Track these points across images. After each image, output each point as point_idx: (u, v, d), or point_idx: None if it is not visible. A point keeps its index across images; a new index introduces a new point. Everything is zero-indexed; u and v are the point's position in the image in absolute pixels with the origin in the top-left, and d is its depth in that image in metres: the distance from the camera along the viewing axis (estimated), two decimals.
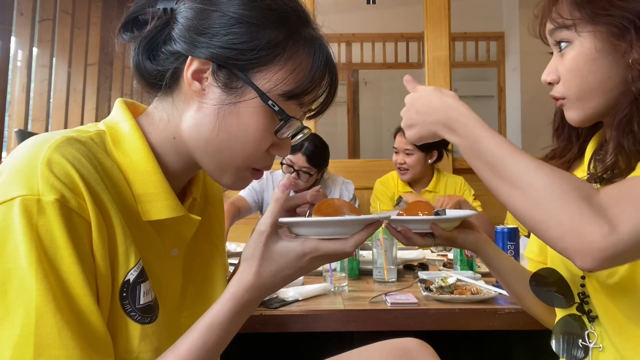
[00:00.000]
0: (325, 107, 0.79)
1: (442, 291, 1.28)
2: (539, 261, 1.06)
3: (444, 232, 0.98)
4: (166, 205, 0.73)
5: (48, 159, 0.63)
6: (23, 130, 2.98)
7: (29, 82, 3.21)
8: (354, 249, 0.71)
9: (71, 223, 0.62)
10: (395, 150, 2.54)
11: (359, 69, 5.98)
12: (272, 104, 0.71)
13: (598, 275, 0.87)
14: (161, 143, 0.76)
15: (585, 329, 0.89)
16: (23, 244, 0.59)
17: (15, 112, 3.16)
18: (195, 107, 0.73)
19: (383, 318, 1.20)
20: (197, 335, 0.68)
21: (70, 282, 0.61)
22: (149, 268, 0.73)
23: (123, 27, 0.76)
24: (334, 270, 1.43)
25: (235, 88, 0.71)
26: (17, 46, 3.16)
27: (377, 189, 2.64)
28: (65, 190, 0.62)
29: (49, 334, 0.59)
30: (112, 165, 0.70)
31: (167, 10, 0.73)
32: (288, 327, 1.18)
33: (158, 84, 0.74)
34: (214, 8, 0.70)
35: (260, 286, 0.70)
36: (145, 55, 0.73)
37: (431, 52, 3.09)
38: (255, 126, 0.72)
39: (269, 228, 0.70)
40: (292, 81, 0.72)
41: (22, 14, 3.16)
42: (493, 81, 5.65)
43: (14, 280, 0.59)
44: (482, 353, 1.47)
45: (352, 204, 0.77)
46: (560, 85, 0.87)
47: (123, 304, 0.69)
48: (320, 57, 0.74)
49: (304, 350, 1.26)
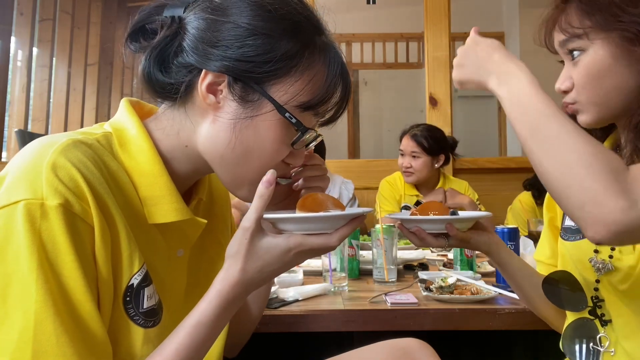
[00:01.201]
0: (338, 114, 0.78)
1: (442, 291, 1.28)
2: (550, 264, 1.06)
3: (459, 233, 0.96)
4: (172, 208, 0.73)
5: (53, 162, 0.62)
6: (23, 130, 2.98)
7: (29, 82, 3.21)
8: (338, 243, 0.71)
9: (74, 228, 0.61)
10: (401, 153, 2.52)
11: (359, 69, 5.98)
12: (290, 116, 0.70)
13: (612, 279, 0.87)
14: (170, 149, 0.75)
15: (597, 333, 0.90)
16: (25, 248, 0.59)
17: (15, 112, 3.16)
18: (210, 119, 0.72)
19: (383, 318, 1.20)
20: (184, 334, 0.67)
21: (71, 288, 0.61)
22: (154, 271, 0.73)
23: (130, 37, 0.74)
24: (334, 270, 1.43)
25: (251, 101, 0.70)
26: (17, 46, 3.16)
27: (383, 187, 2.62)
28: (70, 194, 0.61)
29: (48, 340, 0.59)
30: (118, 168, 0.70)
31: (176, 18, 0.72)
32: (288, 327, 1.18)
33: (170, 96, 0.73)
34: (225, 19, 0.69)
35: (246, 282, 0.70)
36: (156, 67, 0.72)
37: (431, 52, 3.09)
38: (272, 139, 0.71)
39: (254, 224, 0.69)
40: (309, 92, 0.71)
41: (22, 14, 3.16)
42: None
43: (15, 285, 0.59)
44: (482, 353, 1.47)
45: (336, 199, 0.76)
46: (574, 92, 0.88)
47: (126, 308, 0.68)
48: (335, 65, 0.74)
49: (304, 350, 1.26)
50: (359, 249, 1.59)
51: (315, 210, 0.72)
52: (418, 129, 2.52)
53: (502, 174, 2.99)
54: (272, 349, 1.34)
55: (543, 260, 1.09)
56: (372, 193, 2.86)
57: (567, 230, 0.99)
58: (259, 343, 1.07)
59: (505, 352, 1.44)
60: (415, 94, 5.35)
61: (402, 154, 2.52)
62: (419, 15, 3.24)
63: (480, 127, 5.69)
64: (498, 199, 2.77)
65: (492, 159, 3.16)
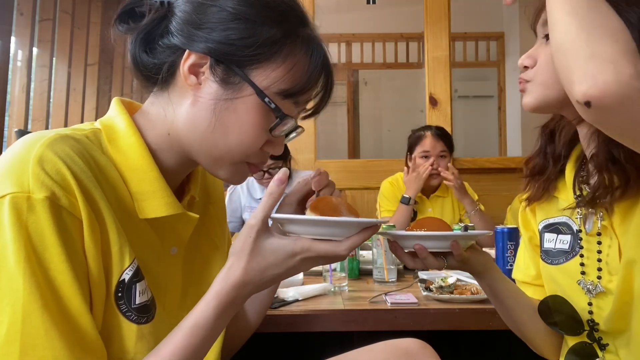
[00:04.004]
0: (320, 108, 0.79)
1: (442, 291, 1.29)
2: (538, 284, 1.01)
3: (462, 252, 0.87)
4: (163, 202, 0.73)
5: (40, 156, 0.62)
6: (23, 130, 2.98)
7: (29, 82, 3.20)
8: (347, 253, 0.68)
9: (61, 221, 0.61)
10: (426, 155, 2.44)
11: (359, 69, 5.97)
12: (269, 101, 0.71)
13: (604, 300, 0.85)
14: (157, 140, 0.76)
15: (596, 357, 0.87)
16: (11, 242, 0.59)
17: (15, 112, 3.16)
18: (190, 100, 0.73)
19: (383, 318, 1.20)
20: (181, 336, 0.67)
21: (59, 282, 0.60)
22: (146, 267, 0.72)
23: (119, 19, 0.75)
24: (334, 270, 1.43)
25: (232, 84, 0.71)
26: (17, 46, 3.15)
27: (385, 188, 2.58)
28: (56, 187, 0.61)
29: (36, 334, 0.58)
30: (107, 163, 0.70)
31: (165, 3, 0.73)
32: (288, 327, 1.18)
33: (154, 77, 0.74)
34: (212, 3, 0.71)
35: (247, 284, 0.68)
36: (142, 47, 0.73)
37: (431, 52, 3.09)
38: (251, 123, 0.72)
39: (260, 222, 0.68)
40: (289, 80, 0.72)
41: (22, 14, 3.16)
42: (493, 81, 5.65)
43: (1, 279, 0.59)
44: (482, 353, 1.47)
45: (351, 205, 0.74)
46: (533, 70, 0.86)
47: (118, 304, 0.68)
48: (317, 57, 0.74)
49: (304, 350, 1.26)
50: (359, 249, 1.59)
51: (328, 215, 0.69)
52: (436, 129, 2.50)
53: (502, 174, 2.99)
54: (272, 349, 1.34)
55: (529, 281, 1.03)
56: (372, 193, 2.86)
57: (548, 253, 0.95)
58: (259, 343, 1.07)
59: (505, 352, 1.44)
60: (415, 94, 5.34)
61: (427, 155, 2.43)
62: (419, 15, 3.24)
63: (480, 127, 5.69)
64: (498, 199, 2.77)
65: (492, 159, 3.16)
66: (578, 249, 0.89)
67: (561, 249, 0.92)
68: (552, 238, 0.95)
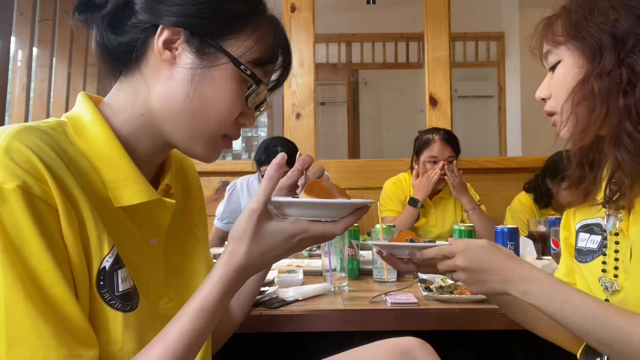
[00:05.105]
0: (281, 81, 0.83)
1: (442, 291, 1.29)
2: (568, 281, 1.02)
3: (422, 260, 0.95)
4: (137, 189, 0.73)
5: (7, 146, 0.61)
6: None
7: (29, 82, 3.20)
8: (343, 232, 0.73)
9: (36, 210, 0.60)
10: (434, 160, 2.43)
11: (359, 69, 5.98)
12: (244, 68, 0.74)
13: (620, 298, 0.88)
14: (127, 124, 0.76)
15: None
16: None
17: (15, 112, 3.16)
18: (166, 75, 0.73)
19: (383, 318, 1.20)
20: (187, 320, 0.67)
21: (40, 271, 0.60)
22: (125, 256, 0.72)
23: (78, 10, 0.75)
24: (333, 270, 1.43)
25: (208, 54, 0.73)
26: (17, 46, 3.15)
27: (388, 189, 2.58)
28: (27, 176, 0.60)
29: (22, 324, 0.58)
30: (77, 153, 0.70)
31: None
32: (288, 327, 1.18)
33: (124, 57, 0.74)
34: None
35: (250, 266, 0.70)
36: (109, 30, 0.74)
37: (431, 52, 3.09)
38: (229, 90, 0.74)
39: (262, 206, 0.69)
40: (258, 50, 0.76)
41: (22, 14, 3.16)
42: (493, 81, 5.65)
43: None
44: (482, 353, 1.47)
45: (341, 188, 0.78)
46: (552, 100, 0.92)
47: (101, 293, 0.67)
48: (280, 32, 0.80)
49: (304, 350, 1.26)
50: (359, 249, 1.59)
51: (322, 197, 0.73)
52: (444, 133, 2.47)
53: (502, 174, 2.99)
54: (272, 349, 1.34)
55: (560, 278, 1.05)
56: (372, 193, 2.86)
57: (580, 251, 0.99)
58: (259, 343, 1.07)
59: (505, 352, 1.44)
60: (415, 94, 5.34)
61: (436, 160, 2.42)
62: (419, 15, 3.24)
63: (480, 127, 5.69)
64: (498, 199, 2.77)
65: (492, 159, 3.17)
66: (603, 248, 0.93)
67: (590, 248, 0.96)
68: (585, 237, 0.98)
